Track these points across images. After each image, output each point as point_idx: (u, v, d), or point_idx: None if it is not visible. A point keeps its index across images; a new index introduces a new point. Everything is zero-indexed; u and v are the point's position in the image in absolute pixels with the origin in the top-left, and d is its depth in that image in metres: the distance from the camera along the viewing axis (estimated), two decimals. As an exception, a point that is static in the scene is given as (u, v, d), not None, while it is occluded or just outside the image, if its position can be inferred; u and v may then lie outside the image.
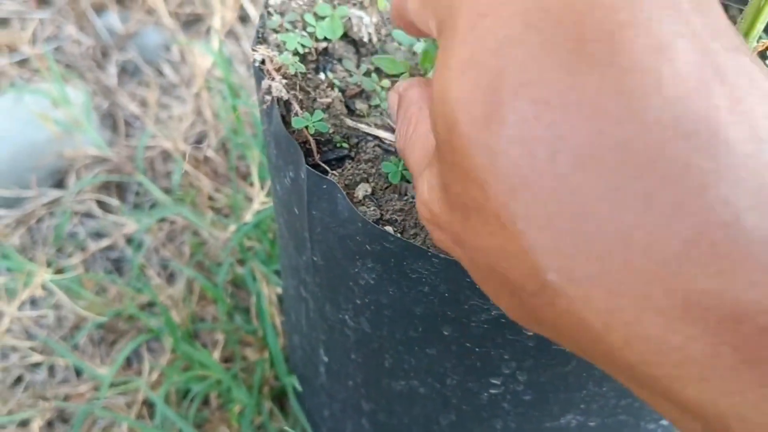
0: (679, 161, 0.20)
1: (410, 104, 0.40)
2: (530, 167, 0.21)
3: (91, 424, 0.89)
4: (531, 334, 0.46)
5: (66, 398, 0.90)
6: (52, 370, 0.95)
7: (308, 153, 0.50)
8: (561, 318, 0.23)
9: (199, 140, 1.12)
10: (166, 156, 1.12)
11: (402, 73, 0.53)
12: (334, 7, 0.58)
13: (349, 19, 0.57)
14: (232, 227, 0.93)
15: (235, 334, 0.90)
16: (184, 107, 1.14)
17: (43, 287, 0.87)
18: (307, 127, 0.49)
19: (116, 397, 0.88)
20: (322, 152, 0.51)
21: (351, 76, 0.56)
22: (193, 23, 1.30)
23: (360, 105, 0.55)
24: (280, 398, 0.86)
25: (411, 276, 0.45)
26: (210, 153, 1.06)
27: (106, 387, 0.81)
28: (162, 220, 1.04)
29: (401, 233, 0.46)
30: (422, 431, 0.59)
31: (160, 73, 1.24)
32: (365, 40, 0.57)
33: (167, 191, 1.07)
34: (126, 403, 0.87)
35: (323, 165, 0.49)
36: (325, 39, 0.57)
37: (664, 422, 0.57)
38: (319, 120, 0.49)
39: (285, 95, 0.50)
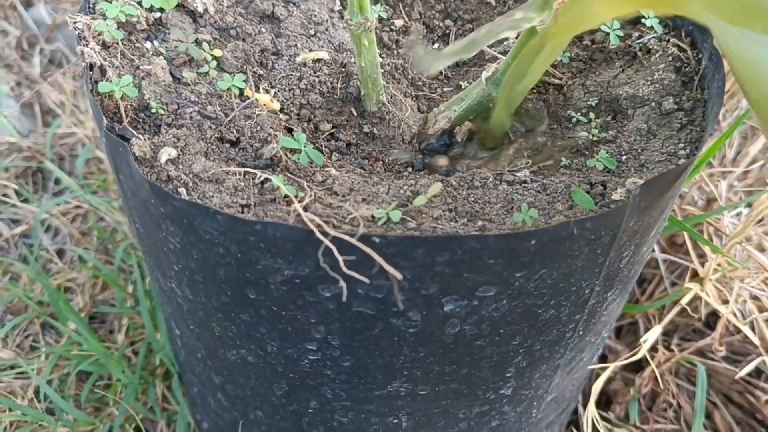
0: None
1: None
2: None
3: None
4: (329, 295, 0.46)
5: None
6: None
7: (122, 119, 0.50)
8: None
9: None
10: (85, 143, 1.12)
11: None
12: (171, -22, 0.58)
13: (185, -11, 0.57)
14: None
15: (136, 317, 0.90)
16: (106, 96, 1.14)
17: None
18: (115, 92, 0.49)
19: (15, 381, 0.88)
20: (137, 118, 0.51)
21: (181, 44, 0.56)
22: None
23: (187, 73, 0.55)
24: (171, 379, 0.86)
25: (205, 237, 0.45)
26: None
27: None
28: (76, 206, 1.04)
29: (198, 196, 0.46)
30: (265, 403, 0.59)
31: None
32: (200, 10, 0.57)
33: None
34: (21, 386, 0.87)
35: (132, 130, 0.49)
36: (160, 9, 0.57)
37: (505, 391, 0.57)
38: (127, 85, 0.49)
39: (98, 61, 0.50)
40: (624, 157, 0.52)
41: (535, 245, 0.43)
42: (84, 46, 0.50)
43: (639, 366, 0.83)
